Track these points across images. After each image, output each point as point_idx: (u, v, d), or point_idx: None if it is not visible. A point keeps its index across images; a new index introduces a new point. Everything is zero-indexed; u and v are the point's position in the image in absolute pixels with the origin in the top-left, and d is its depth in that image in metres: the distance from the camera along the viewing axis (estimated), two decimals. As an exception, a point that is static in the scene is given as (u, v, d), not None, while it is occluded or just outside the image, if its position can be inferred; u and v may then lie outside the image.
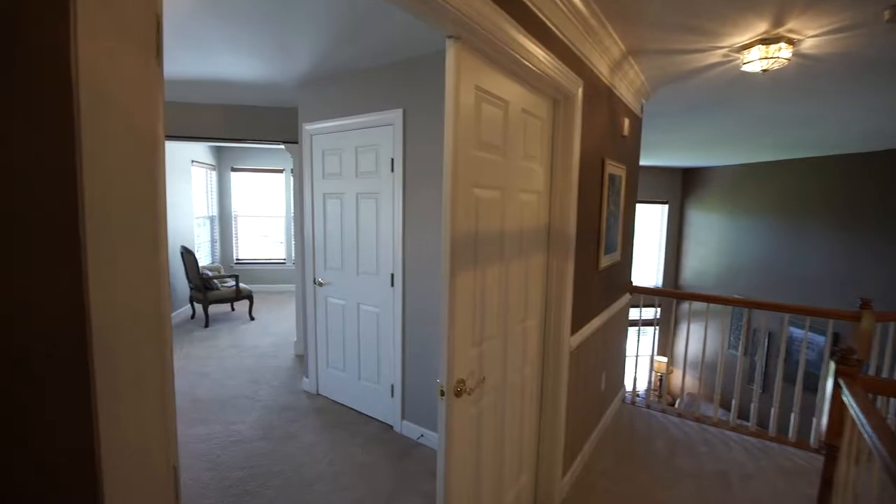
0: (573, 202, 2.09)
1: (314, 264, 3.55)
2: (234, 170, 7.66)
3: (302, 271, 3.66)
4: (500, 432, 1.82)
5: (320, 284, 3.50)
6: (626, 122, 2.94)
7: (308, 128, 3.43)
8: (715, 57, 2.56)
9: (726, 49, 2.44)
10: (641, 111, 3.45)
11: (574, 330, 2.29)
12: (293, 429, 3.11)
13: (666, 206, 9.13)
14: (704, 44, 2.39)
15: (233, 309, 6.41)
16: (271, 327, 5.64)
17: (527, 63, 1.59)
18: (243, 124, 4.37)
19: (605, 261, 2.72)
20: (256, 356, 4.58)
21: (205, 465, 2.66)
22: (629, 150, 3.22)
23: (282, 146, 4.46)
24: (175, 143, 5.67)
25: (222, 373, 4.11)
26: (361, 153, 3.12)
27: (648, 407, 3.51)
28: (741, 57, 2.48)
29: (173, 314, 5.65)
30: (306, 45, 2.63)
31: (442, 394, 1.44)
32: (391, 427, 3.13)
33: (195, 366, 4.26)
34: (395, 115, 2.87)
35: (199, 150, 6.73)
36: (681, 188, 9.13)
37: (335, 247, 3.38)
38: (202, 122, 4.32)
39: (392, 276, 3.03)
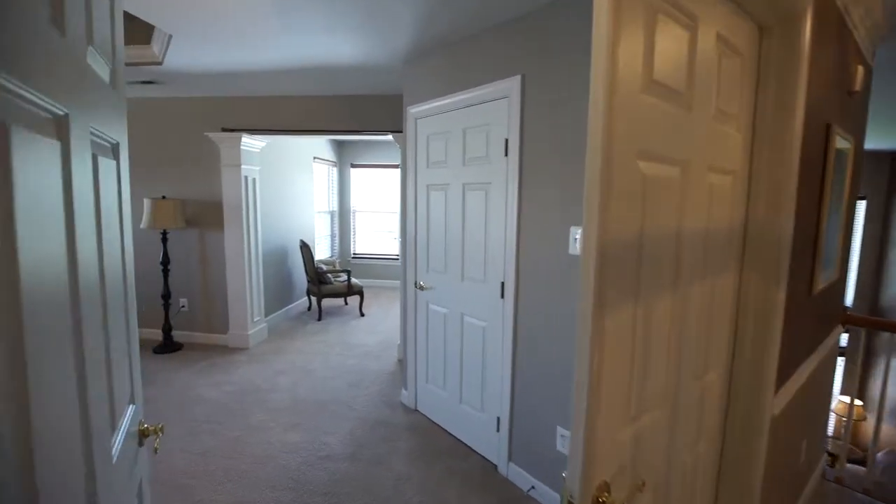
0: (791, 190, 1.31)
1: (416, 265, 3.16)
2: (353, 166, 7.82)
3: (404, 271, 3.31)
4: (659, 553, 1.16)
5: (421, 288, 3.10)
6: (860, 71, 1.96)
7: (412, 111, 3.03)
8: None
9: None
10: (873, 59, 2.36)
11: (777, 385, 1.49)
12: (384, 451, 2.75)
13: (863, 203, 7.02)
14: None
15: (346, 303, 6.47)
16: (379, 325, 5.49)
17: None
18: (352, 115, 4.20)
19: (822, 281, 1.81)
20: (360, 355, 4.41)
21: (287, 483, 2.42)
22: (858, 114, 2.19)
23: (390, 137, 4.19)
24: (297, 140, 5.83)
25: (326, 371, 3.99)
26: (470, 135, 2.61)
27: (868, 493, 2.42)
28: None
29: (290, 306, 5.84)
30: (405, 8, 2.20)
31: (570, 507, 0.85)
32: (495, 467, 2.58)
33: (302, 361, 4.22)
34: (511, 85, 2.30)
35: (321, 147, 6.92)
36: (887, 178, 6.93)
37: (438, 246, 2.94)
38: (314, 116, 4.25)
39: (502, 284, 2.47)
